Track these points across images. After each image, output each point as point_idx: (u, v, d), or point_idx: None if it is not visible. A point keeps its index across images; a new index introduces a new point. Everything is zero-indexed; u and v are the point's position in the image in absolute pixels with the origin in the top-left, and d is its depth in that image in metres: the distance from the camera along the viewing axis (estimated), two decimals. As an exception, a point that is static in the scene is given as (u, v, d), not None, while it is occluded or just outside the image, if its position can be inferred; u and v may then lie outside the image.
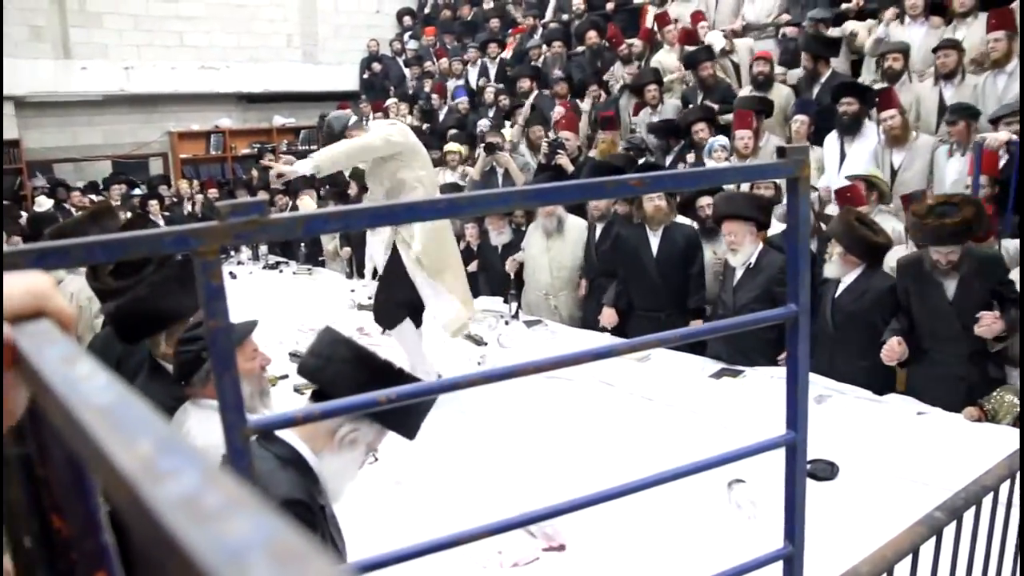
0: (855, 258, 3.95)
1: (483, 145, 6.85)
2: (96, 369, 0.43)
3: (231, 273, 7.36)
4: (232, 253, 8.36)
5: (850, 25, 6.72)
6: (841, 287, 4.00)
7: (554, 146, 6.41)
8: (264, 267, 7.91)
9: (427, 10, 12.38)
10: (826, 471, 2.94)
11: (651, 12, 8.44)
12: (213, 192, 9.47)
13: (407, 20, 12.22)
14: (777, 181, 4.58)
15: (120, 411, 0.36)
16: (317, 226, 1.05)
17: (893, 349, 3.68)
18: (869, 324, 3.88)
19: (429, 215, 1.11)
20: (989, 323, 3.55)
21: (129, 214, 6.72)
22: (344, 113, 4.27)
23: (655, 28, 8.05)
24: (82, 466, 0.56)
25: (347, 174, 6.42)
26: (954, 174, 5.10)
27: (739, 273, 4.25)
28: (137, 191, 9.73)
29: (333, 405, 0.93)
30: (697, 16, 7.84)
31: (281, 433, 1.66)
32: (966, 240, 3.70)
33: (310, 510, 1.60)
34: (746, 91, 6.70)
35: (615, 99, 7.72)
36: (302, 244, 7.88)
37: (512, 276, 5.58)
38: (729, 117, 6.23)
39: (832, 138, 5.73)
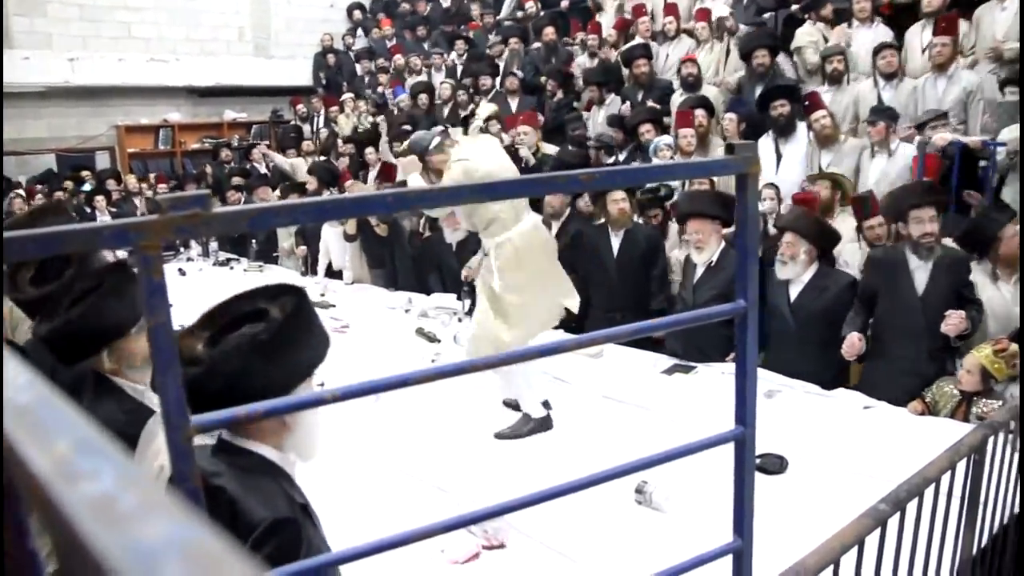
0: (810, 246, 4.02)
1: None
2: (19, 368, 0.42)
3: (180, 270, 7.23)
4: (181, 250, 8.21)
5: (803, 35, 6.80)
6: (799, 287, 4.06)
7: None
8: (214, 264, 7.77)
9: (384, 4, 12.27)
10: (775, 465, 2.99)
11: (613, 5, 8.49)
12: (163, 188, 9.28)
13: (357, 14, 12.11)
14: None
15: (40, 411, 0.35)
16: (263, 221, 1.03)
17: (854, 345, 3.76)
18: (831, 321, 3.96)
19: (377, 209, 1.10)
20: (956, 322, 3.63)
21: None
22: (426, 134, 3.83)
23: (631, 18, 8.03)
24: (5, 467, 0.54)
25: None
26: (877, 174, 5.22)
27: (699, 271, 4.29)
28: (86, 187, 9.49)
29: (279, 403, 0.92)
30: (639, 10, 7.90)
31: (240, 443, 1.57)
32: (939, 200, 3.91)
33: (296, 523, 1.51)
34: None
35: (564, 102, 7.75)
36: (254, 240, 7.76)
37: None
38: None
39: (767, 139, 5.82)
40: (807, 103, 5.63)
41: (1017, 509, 2.90)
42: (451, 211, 4.61)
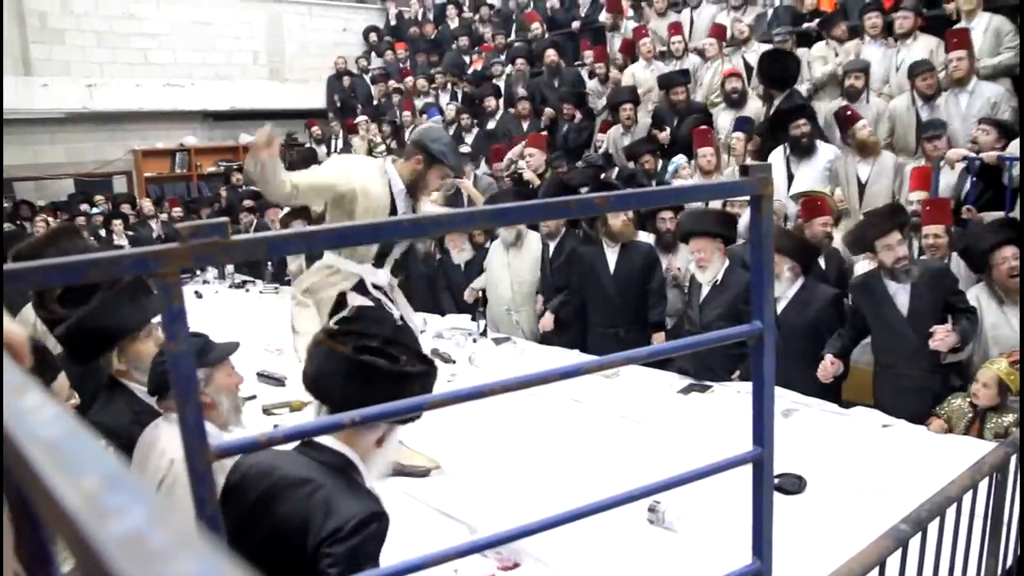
0: (793, 262, 4.05)
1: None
2: (45, 401, 0.42)
3: (196, 292, 7.27)
4: (197, 272, 8.26)
5: (814, 51, 6.83)
6: (784, 302, 4.09)
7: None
8: (230, 286, 7.82)
9: (393, 23, 12.39)
10: (794, 485, 2.96)
11: (627, 26, 8.54)
12: (177, 211, 9.36)
13: (373, 37, 12.23)
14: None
15: (67, 445, 0.35)
16: (280, 247, 1.04)
17: (827, 369, 3.81)
18: (815, 335, 3.99)
19: (392, 234, 1.11)
20: (942, 337, 3.64)
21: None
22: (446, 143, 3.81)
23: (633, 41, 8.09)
24: (30, 498, 0.54)
25: None
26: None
27: (705, 290, 4.28)
28: (95, 210, 9.60)
29: (300, 428, 0.92)
30: (639, 31, 7.95)
31: (323, 440, 1.70)
32: (902, 222, 3.93)
33: (386, 517, 1.64)
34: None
35: (583, 125, 7.76)
36: (268, 263, 7.80)
37: (470, 302, 5.60)
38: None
39: (778, 157, 5.80)
40: (847, 114, 5.62)
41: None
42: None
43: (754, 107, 6.67)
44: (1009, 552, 2.56)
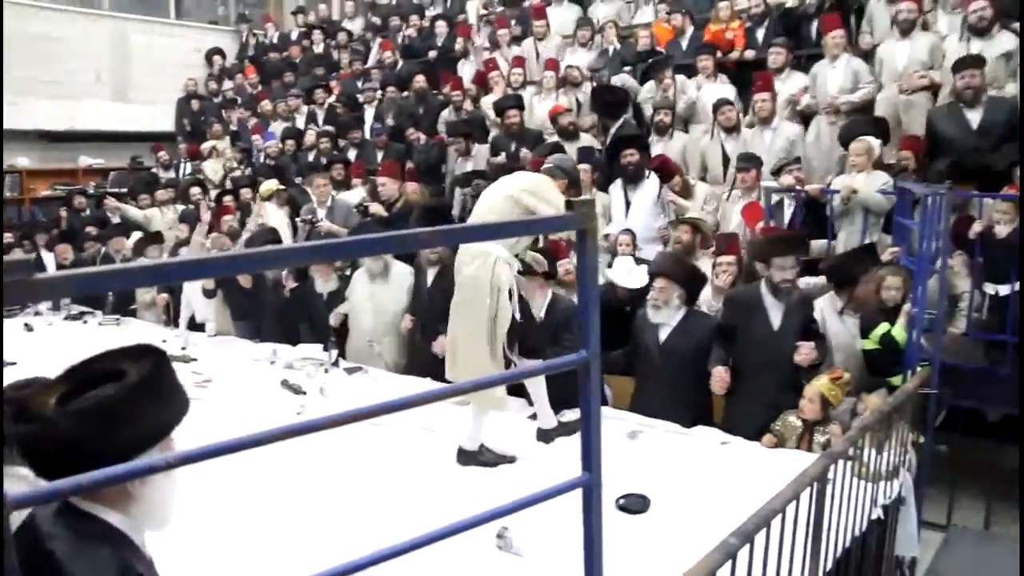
0: (682, 290, 4.21)
1: (300, 222, 6.72)
2: None
3: (26, 325, 6.78)
4: (29, 303, 7.70)
5: (644, 90, 7.30)
6: (668, 329, 4.23)
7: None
8: (65, 318, 7.31)
9: (251, 52, 12.09)
10: (639, 504, 3.07)
11: (469, 58, 8.73)
12: (9, 237, 8.70)
13: (217, 60, 11.89)
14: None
15: None
16: (94, 285, 1.00)
17: (721, 377, 3.98)
18: (698, 362, 4.13)
19: (216, 272, 1.09)
20: (806, 352, 3.93)
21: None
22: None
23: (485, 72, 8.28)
24: None
25: None
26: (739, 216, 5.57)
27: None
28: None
29: (104, 474, 0.88)
30: (490, 64, 8.23)
31: (85, 507, 1.48)
32: (800, 251, 4.28)
33: None
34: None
35: (431, 145, 7.88)
36: (110, 292, 7.37)
37: (335, 325, 5.48)
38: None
39: (617, 187, 6.10)
40: (660, 166, 5.90)
41: (859, 532, 3.10)
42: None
43: (587, 139, 6.95)
44: (829, 556, 2.76)
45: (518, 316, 3.57)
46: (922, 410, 3.86)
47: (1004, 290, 4.61)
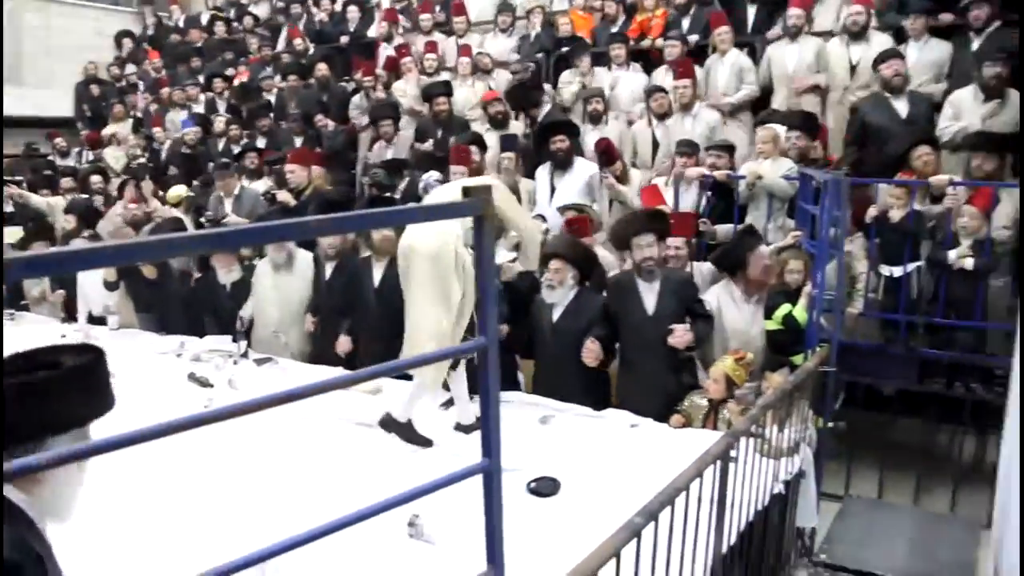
0: (576, 271, 4.28)
1: (206, 222, 6.53)
2: None
3: (-90, 322, 6.37)
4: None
5: (563, 77, 7.31)
6: (560, 310, 4.30)
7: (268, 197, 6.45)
8: (-47, 313, 6.90)
9: (151, 31, 11.59)
10: (549, 487, 3.11)
11: (392, 43, 8.60)
12: None
13: (127, 43, 11.38)
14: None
15: None
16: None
17: (591, 349, 4.08)
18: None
19: (106, 262, 1.04)
20: (680, 335, 4.05)
21: None
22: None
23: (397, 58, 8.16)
24: None
25: None
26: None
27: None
28: None
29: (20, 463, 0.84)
30: (402, 50, 8.14)
31: None
32: (660, 228, 4.32)
33: (19, 571, 1.42)
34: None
35: (338, 132, 7.77)
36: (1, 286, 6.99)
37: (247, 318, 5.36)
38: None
39: (543, 172, 6.15)
40: (604, 149, 5.91)
41: (761, 507, 3.21)
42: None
43: (517, 126, 6.96)
44: (733, 531, 2.85)
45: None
46: (822, 387, 4.02)
47: (898, 271, 4.82)
